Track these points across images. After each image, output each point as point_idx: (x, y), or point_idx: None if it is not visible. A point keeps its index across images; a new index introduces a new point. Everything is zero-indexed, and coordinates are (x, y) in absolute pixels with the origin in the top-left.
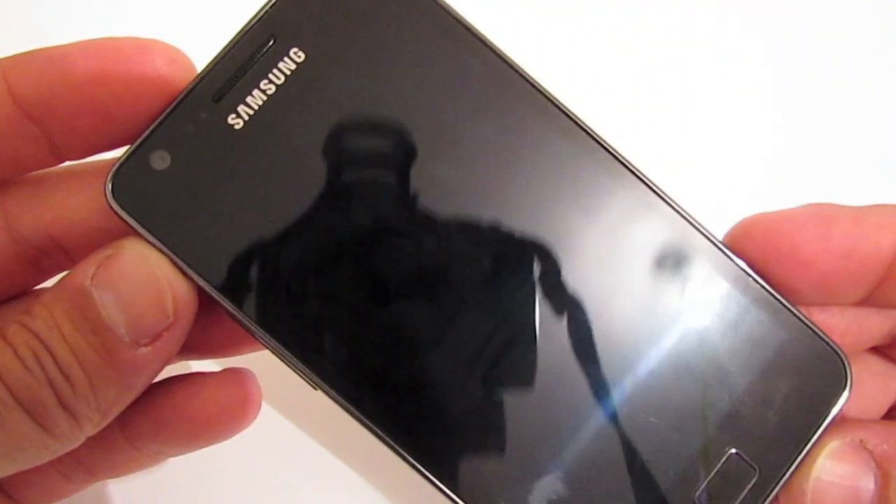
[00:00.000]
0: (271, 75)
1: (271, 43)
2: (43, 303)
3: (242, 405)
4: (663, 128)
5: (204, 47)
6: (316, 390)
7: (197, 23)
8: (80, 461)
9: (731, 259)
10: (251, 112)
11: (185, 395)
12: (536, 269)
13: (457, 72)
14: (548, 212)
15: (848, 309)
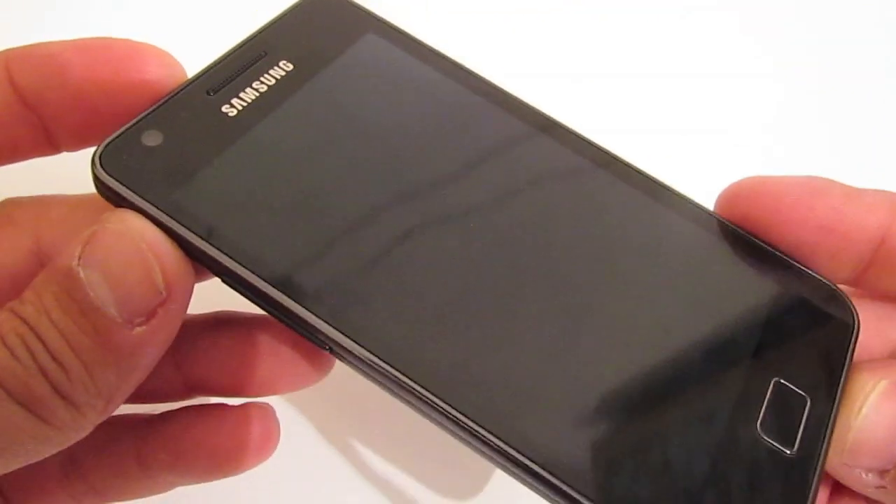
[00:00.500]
0: (263, 78)
1: (264, 55)
2: (32, 287)
3: (263, 442)
4: (657, 111)
5: (202, 47)
6: (326, 349)
7: (197, 23)
8: (91, 486)
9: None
10: (244, 104)
11: (205, 429)
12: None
13: (414, 83)
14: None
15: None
